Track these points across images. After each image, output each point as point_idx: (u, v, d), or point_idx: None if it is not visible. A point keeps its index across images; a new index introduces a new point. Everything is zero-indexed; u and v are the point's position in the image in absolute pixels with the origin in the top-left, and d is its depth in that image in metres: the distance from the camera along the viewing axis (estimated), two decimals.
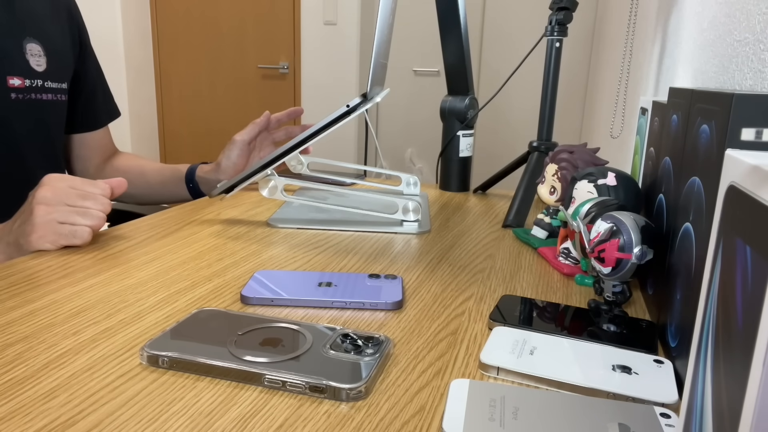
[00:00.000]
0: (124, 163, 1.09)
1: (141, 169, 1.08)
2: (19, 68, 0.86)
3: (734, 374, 0.21)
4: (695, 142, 0.43)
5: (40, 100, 0.89)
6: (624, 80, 1.40)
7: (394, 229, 0.81)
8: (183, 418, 0.36)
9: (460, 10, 1.02)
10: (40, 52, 0.89)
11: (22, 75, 0.86)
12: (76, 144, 1.05)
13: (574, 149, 0.72)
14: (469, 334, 0.50)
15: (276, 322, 0.48)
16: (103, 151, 1.09)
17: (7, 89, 0.84)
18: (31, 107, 0.88)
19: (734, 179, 0.23)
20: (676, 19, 0.94)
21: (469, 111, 1.06)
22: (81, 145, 1.05)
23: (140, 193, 1.08)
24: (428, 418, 0.37)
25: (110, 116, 1.09)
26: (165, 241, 0.72)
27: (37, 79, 0.88)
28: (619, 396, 0.39)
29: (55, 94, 0.92)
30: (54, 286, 0.56)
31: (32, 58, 0.87)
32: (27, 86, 0.87)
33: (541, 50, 0.96)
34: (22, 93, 0.86)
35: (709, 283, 0.26)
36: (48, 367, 0.42)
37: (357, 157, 3.14)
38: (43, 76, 0.89)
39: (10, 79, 0.84)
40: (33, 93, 0.88)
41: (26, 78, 0.87)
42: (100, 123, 1.07)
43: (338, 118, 0.75)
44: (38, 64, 0.88)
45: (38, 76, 0.89)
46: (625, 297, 0.54)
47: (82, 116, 1.03)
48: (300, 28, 3.10)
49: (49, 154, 0.94)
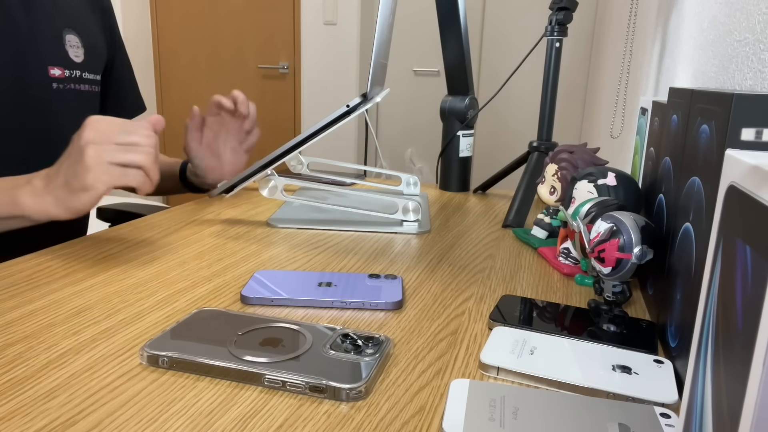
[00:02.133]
0: None
1: None
2: (59, 59, 0.87)
3: (734, 374, 0.21)
4: (695, 142, 0.43)
5: (79, 91, 0.90)
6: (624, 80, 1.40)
7: (394, 229, 0.81)
8: (183, 418, 0.36)
9: (460, 10, 1.02)
10: (78, 44, 0.89)
11: (62, 65, 0.87)
12: None
13: (574, 149, 0.72)
14: (469, 334, 0.50)
15: (276, 322, 0.48)
16: None
17: (49, 79, 0.85)
18: (71, 97, 0.89)
19: (734, 179, 0.23)
20: (676, 19, 0.94)
21: (469, 111, 1.06)
22: None
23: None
24: (428, 418, 0.37)
25: (137, 110, 1.10)
26: (165, 241, 0.72)
27: (76, 70, 0.89)
28: (619, 396, 0.39)
29: (91, 85, 0.93)
30: (54, 286, 0.56)
31: (71, 49, 0.88)
32: (67, 77, 0.88)
33: (541, 50, 0.96)
34: (63, 83, 0.87)
35: (709, 283, 0.26)
36: (48, 367, 0.42)
37: (357, 157, 3.14)
38: (81, 67, 0.90)
39: (51, 69, 0.85)
40: (72, 83, 0.89)
41: (66, 68, 0.87)
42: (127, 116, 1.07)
43: (338, 118, 0.75)
44: (77, 56, 0.89)
45: (77, 67, 0.89)
46: (625, 297, 0.54)
47: (111, 110, 1.03)
48: (300, 28, 3.10)
49: None
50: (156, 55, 3.44)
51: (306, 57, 3.12)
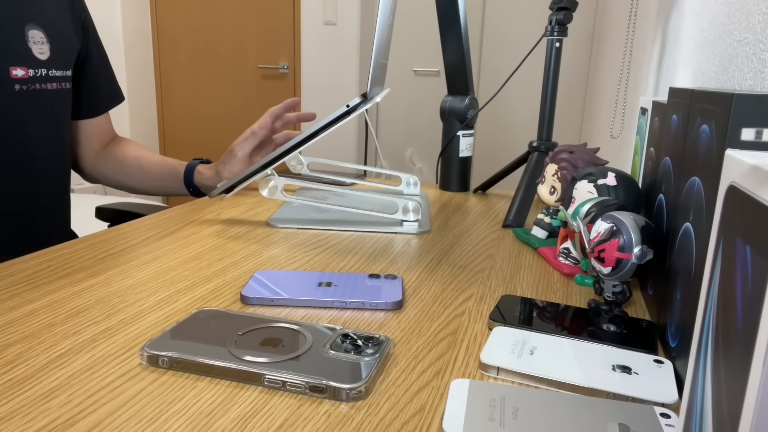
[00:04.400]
0: (122, 152, 1.06)
1: (139, 162, 1.05)
2: (21, 58, 0.82)
3: (734, 374, 0.21)
4: (695, 142, 0.43)
5: (45, 90, 0.86)
6: (624, 80, 1.40)
7: (394, 229, 0.81)
8: (183, 418, 0.36)
9: (460, 10, 1.02)
10: (43, 39, 0.85)
11: (25, 65, 0.82)
12: (78, 130, 1.02)
13: (574, 149, 0.72)
14: (469, 334, 0.50)
15: (276, 322, 0.48)
16: (103, 137, 1.06)
17: (11, 80, 0.81)
18: (37, 98, 0.85)
19: (734, 179, 0.23)
20: (676, 19, 0.94)
21: (469, 111, 1.06)
22: (83, 131, 1.02)
23: (137, 185, 1.07)
24: (428, 418, 0.37)
25: (114, 101, 1.06)
26: (165, 241, 0.72)
27: (41, 68, 0.85)
28: (619, 396, 0.39)
29: (60, 82, 0.89)
30: (54, 286, 0.56)
31: (35, 46, 0.84)
32: (31, 76, 0.83)
33: (541, 50, 0.96)
34: (27, 84, 0.83)
35: (709, 283, 0.26)
36: (48, 367, 0.42)
37: (357, 157, 3.14)
38: (47, 65, 0.86)
39: (12, 70, 0.81)
40: (37, 83, 0.85)
41: (30, 68, 0.83)
42: (103, 108, 1.04)
43: (338, 118, 0.75)
44: (41, 52, 0.84)
45: (42, 65, 0.85)
46: (625, 297, 0.54)
47: (86, 102, 1.00)
48: (300, 28, 3.10)
49: (56, 144, 0.92)
50: (156, 55, 3.44)
51: (306, 57, 3.12)
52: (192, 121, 3.49)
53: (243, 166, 0.96)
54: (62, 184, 0.96)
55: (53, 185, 0.93)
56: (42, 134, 0.88)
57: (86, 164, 1.06)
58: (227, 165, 0.96)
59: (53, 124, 0.90)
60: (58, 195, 0.95)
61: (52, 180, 0.92)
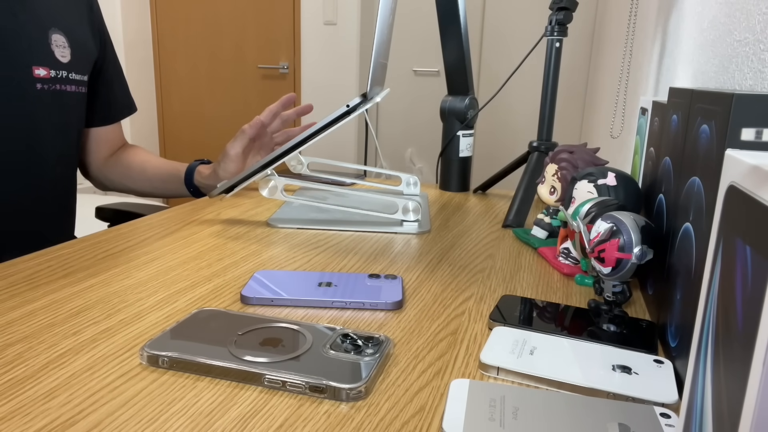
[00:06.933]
0: (128, 158, 1.09)
1: (143, 166, 1.08)
2: (44, 58, 0.85)
3: (734, 374, 0.21)
4: (695, 142, 0.43)
5: (64, 92, 0.89)
6: (624, 80, 1.40)
7: (394, 229, 0.81)
8: (183, 418, 0.36)
9: (460, 10, 1.02)
10: (64, 44, 0.88)
11: (47, 65, 0.85)
12: (89, 137, 1.05)
13: (574, 149, 0.72)
14: (469, 334, 0.50)
15: (276, 322, 0.48)
16: (113, 145, 1.09)
17: (33, 79, 0.84)
18: (55, 98, 0.88)
19: (734, 179, 0.23)
20: (676, 19, 0.94)
21: (469, 111, 1.06)
22: (94, 138, 1.05)
23: (142, 188, 1.09)
24: (428, 418, 0.37)
25: (127, 110, 1.09)
26: (165, 241, 0.72)
27: (62, 71, 0.88)
28: (619, 396, 0.39)
29: (78, 86, 0.92)
30: (54, 286, 0.56)
31: (57, 49, 0.87)
32: (52, 77, 0.86)
33: (541, 50, 0.96)
34: (48, 84, 0.86)
35: (709, 283, 0.26)
36: (48, 367, 0.42)
37: (357, 157, 3.14)
38: (67, 68, 0.89)
39: (35, 69, 0.84)
40: (58, 84, 0.88)
41: (51, 69, 0.86)
42: (116, 117, 1.07)
43: (338, 118, 0.75)
44: (63, 56, 0.88)
45: (63, 68, 0.88)
46: (625, 297, 0.54)
47: (99, 110, 1.02)
48: (300, 28, 3.10)
49: (67, 146, 0.94)
50: (156, 55, 3.44)
51: (306, 57, 3.12)
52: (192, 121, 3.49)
53: (237, 165, 0.97)
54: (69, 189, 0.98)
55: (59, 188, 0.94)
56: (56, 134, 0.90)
57: (95, 170, 1.09)
58: (222, 164, 0.98)
59: (68, 126, 0.93)
60: (64, 200, 0.97)
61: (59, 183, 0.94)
